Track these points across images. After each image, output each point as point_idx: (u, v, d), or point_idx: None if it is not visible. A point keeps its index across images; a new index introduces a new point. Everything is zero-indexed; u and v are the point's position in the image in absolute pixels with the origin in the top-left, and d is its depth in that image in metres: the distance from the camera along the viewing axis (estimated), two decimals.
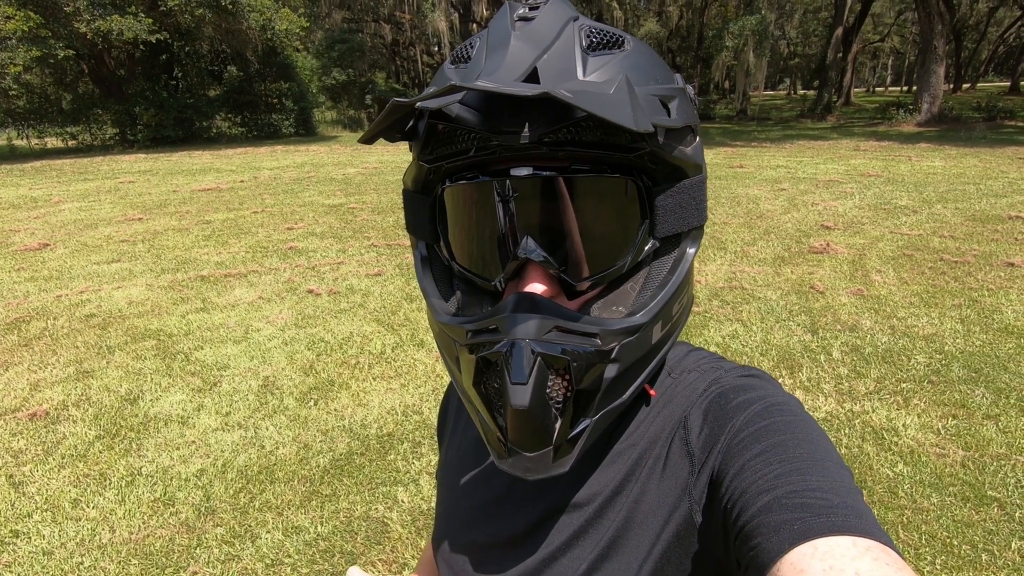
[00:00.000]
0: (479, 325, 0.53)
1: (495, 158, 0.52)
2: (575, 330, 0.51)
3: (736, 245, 6.49)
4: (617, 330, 0.52)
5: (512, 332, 0.50)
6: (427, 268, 0.63)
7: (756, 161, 13.43)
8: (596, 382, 0.52)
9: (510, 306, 0.52)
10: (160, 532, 2.51)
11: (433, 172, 0.57)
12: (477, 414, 0.56)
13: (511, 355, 0.50)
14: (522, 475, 0.53)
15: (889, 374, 3.59)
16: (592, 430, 0.54)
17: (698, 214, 0.57)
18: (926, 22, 20.27)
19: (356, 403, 3.50)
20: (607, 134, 0.49)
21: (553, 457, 0.53)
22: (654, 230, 0.56)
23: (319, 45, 30.78)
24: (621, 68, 0.51)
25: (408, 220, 0.64)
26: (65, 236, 7.93)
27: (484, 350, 0.52)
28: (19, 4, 17.62)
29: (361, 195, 10.49)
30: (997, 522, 2.37)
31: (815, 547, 0.40)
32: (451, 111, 0.50)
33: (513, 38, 0.50)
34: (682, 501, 0.56)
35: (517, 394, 0.49)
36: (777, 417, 0.53)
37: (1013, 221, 7.04)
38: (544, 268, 0.54)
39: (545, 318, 0.51)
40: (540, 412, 0.50)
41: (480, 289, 0.60)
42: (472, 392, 0.54)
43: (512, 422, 0.51)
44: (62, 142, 23.43)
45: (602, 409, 0.54)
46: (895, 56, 62.19)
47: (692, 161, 0.55)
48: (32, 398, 3.66)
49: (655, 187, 0.55)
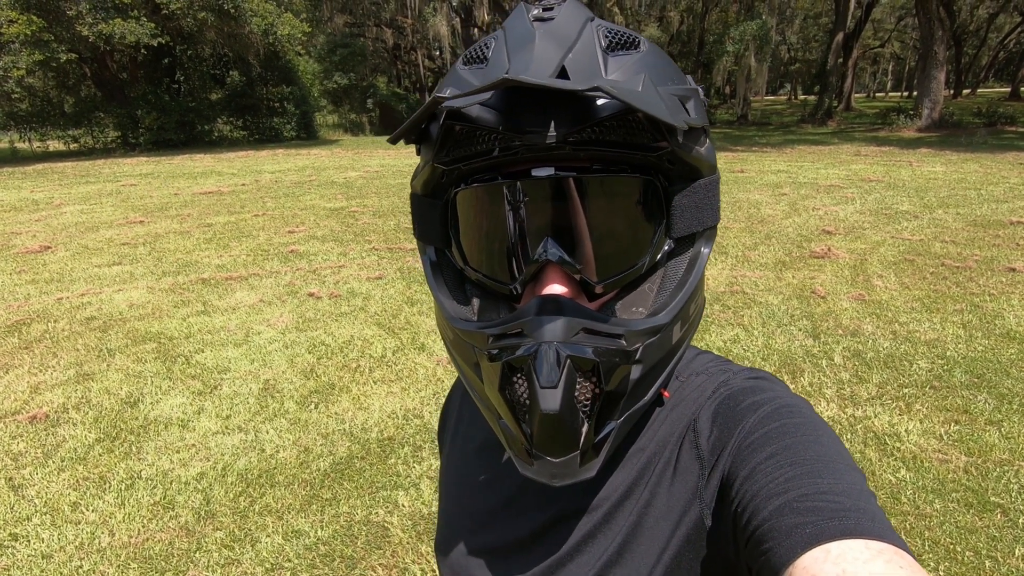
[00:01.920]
0: (503, 329, 0.52)
1: (515, 159, 0.51)
2: (601, 331, 0.51)
3: (737, 249, 6.49)
4: (641, 330, 0.52)
5: (539, 335, 0.49)
6: (438, 274, 0.62)
7: (757, 166, 13.45)
8: (622, 384, 0.52)
9: (535, 308, 0.51)
10: (160, 536, 2.50)
11: (446, 175, 0.55)
12: (499, 421, 0.55)
13: (539, 358, 0.49)
14: (548, 481, 0.52)
15: (891, 379, 3.58)
16: (617, 433, 0.53)
17: (713, 214, 0.57)
18: (926, 28, 20.33)
19: (357, 407, 3.49)
20: (629, 134, 0.49)
21: (580, 462, 0.52)
22: (671, 230, 0.56)
23: (321, 49, 30.85)
24: (641, 68, 0.51)
25: (417, 225, 0.62)
26: (66, 239, 7.93)
27: (508, 355, 0.51)
28: (22, 8, 17.70)
29: (362, 199, 10.50)
30: (1000, 528, 2.36)
31: (828, 551, 0.40)
32: (470, 112, 0.49)
33: (538, 37, 0.49)
34: (692, 505, 0.55)
35: (547, 398, 0.48)
36: (787, 419, 0.52)
37: (1014, 226, 7.04)
38: (564, 270, 0.54)
39: (572, 320, 0.50)
40: (569, 416, 0.49)
41: (494, 294, 0.59)
42: (497, 398, 0.53)
43: (540, 427, 0.50)
44: (64, 145, 23.49)
45: (626, 411, 0.53)
46: (895, 62, 62.31)
47: (707, 161, 0.55)
48: (32, 401, 3.66)
49: (671, 187, 0.55)
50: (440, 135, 0.51)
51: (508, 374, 0.52)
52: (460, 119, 0.49)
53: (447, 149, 0.52)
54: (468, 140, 0.51)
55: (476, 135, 0.50)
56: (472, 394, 0.59)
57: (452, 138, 0.52)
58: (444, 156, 0.53)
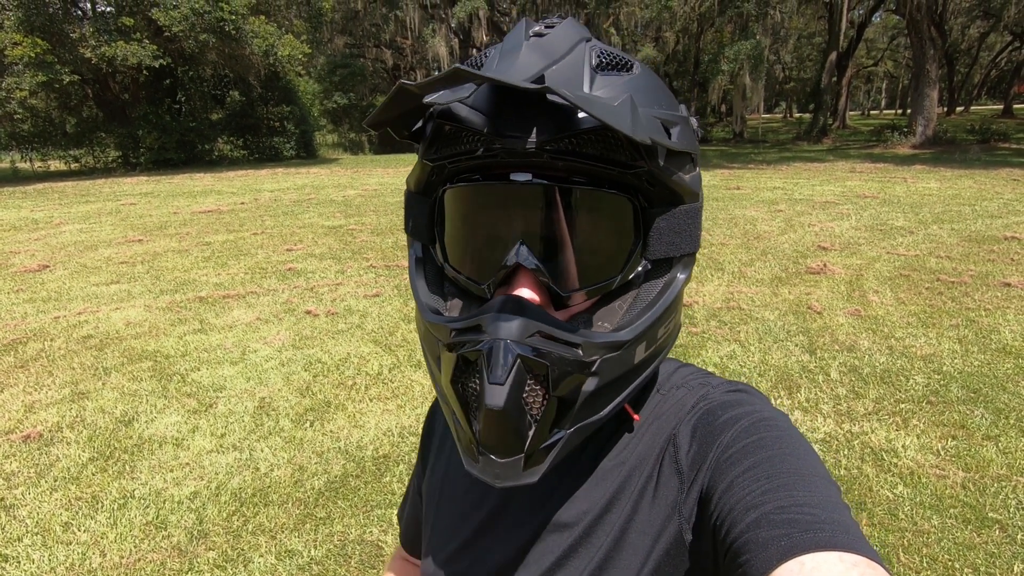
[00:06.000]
0: (464, 324, 0.53)
1: (497, 162, 0.52)
2: (558, 338, 0.51)
3: (733, 266, 6.51)
4: (600, 343, 0.52)
5: (494, 330, 0.50)
6: (420, 269, 0.63)
7: (753, 183, 13.54)
8: (574, 393, 0.52)
9: (496, 306, 0.52)
10: (151, 556, 2.47)
11: (435, 172, 0.57)
12: (452, 416, 0.55)
13: (490, 354, 0.49)
14: (491, 481, 0.52)
15: (888, 394, 3.58)
16: (566, 443, 0.53)
17: (691, 241, 0.58)
18: (918, 47, 20.61)
19: (352, 424, 3.48)
20: (608, 149, 0.50)
21: (524, 465, 0.52)
22: (647, 251, 0.57)
23: (321, 70, 31.22)
24: (627, 89, 0.52)
25: (407, 221, 0.64)
26: (65, 258, 7.95)
27: (464, 348, 0.52)
28: (27, 30, 17.93)
29: (360, 216, 10.54)
30: (999, 544, 2.34)
31: (802, 563, 0.40)
32: (459, 112, 0.51)
33: (525, 47, 0.51)
34: (672, 519, 0.56)
35: (493, 394, 0.49)
36: (764, 433, 0.53)
37: (1009, 242, 7.08)
38: (535, 276, 0.54)
39: (529, 321, 0.51)
40: (515, 415, 0.50)
41: (470, 293, 0.60)
42: (449, 390, 0.54)
43: (486, 423, 0.51)
44: (65, 165, 23.61)
45: (578, 423, 0.53)
46: (889, 80, 63.07)
47: (689, 188, 0.56)
48: (26, 420, 3.64)
49: (651, 209, 0.56)
50: (430, 133, 0.53)
51: (462, 367, 0.52)
52: (449, 119, 0.51)
53: (436, 147, 0.55)
54: (455, 140, 0.53)
55: (462, 135, 0.52)
56: (435, 388, 0.60)
57: (441, 137, 0.54)
58: (433, 154, 0.55)
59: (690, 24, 27.28)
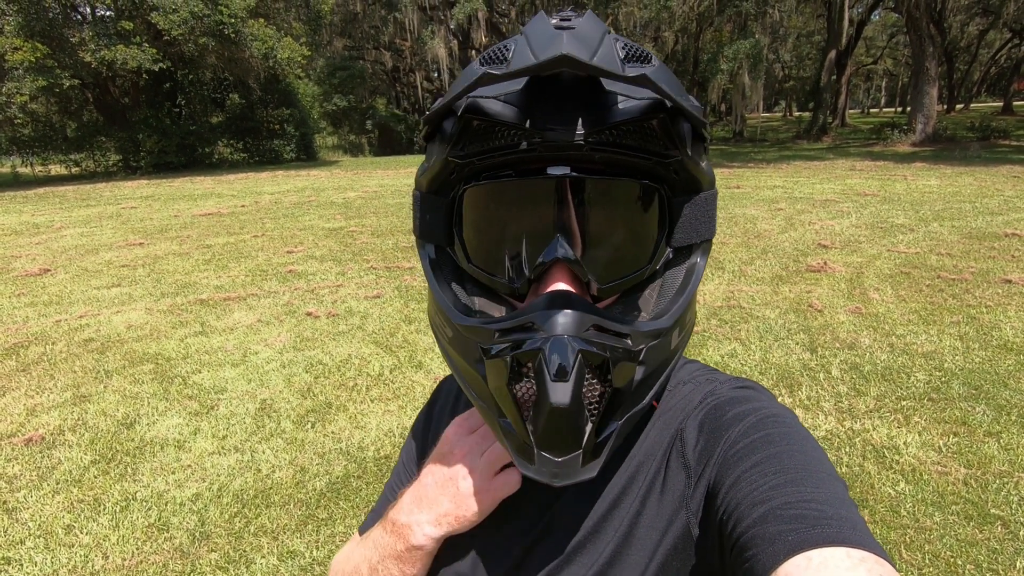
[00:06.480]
0: (512, 323, 0.51)
1: (531, 156, 0.52)
2: (609, 329, 0.51)
3: (734, 264, 6.51)
4: (646, 332, 0.52)
5: (551, 327, 0.49)
6: (438, 271, 0.61)
7: (753, 181, 13.54)
8: (628, 384, 0.52)
9: (545, 303, 0.51)
10: (154, 558, 2.47)
11: (457, 171, 0.55)
12: (500, 420, 0.54)
13: (551, 351, 0.48)
14: (548, 481, 0.51)
15: (889, 392, 3.57)
16: (617, 435, 0.53)
17: (710, 226, 0.59)
18: (917, 45, 20.60)
19: (354, 425, 3.48)
20: (644, 140, 0.50)
21: (582, 461, 0.51)
22: (671, 239, 0.58)
23: (320, 72, 31.27)
24: (654, 79, 0.52)
25: (419, 223, 0.62)
26: (66, 261, 7.96)
27: (517, 349, 0.50)
28: (27, 35, 17.97)
29: (361, 218, 10.55)
30: (1001, 540, 2.34)
31: (809, 559, 0.40)
32: (490, 107, 0.49)
33: (566, 37, 0.47)
34: (679, 514, 0.56)
35: (558, 391, 0.48)
36: (771, 429, 0.53)
37: (1009, 238, 7.07)
38: (572, 270, 0.54)
39: (584, 315, 0.50)
40: (576, 412, 0.49)
41: (495, 293, 0.59)
42: (504, 394, 0.52)
43: (547, 422, 0.49)
44: (66, 169, 23.67)
45: (627, 413, 0.53)
46: (888, 78, 63.03)
47: (708, 175, 0.57)
48: (28, 423, 3.64)
49: (674, 198, 0.57)
50: (458, 129, 0.51)
51: (517, 368, 0.51)
52: (479, 114, 0.50)
53: (463, 144, 0.52)
54: (485, 135, 0.51)
55: (494, 131, 0.51)
56: (468, 393, 0.58)
57: (469, 133, 0.52)
58: (459, 151, 0.53)
59: (689, 24, 27.27)
